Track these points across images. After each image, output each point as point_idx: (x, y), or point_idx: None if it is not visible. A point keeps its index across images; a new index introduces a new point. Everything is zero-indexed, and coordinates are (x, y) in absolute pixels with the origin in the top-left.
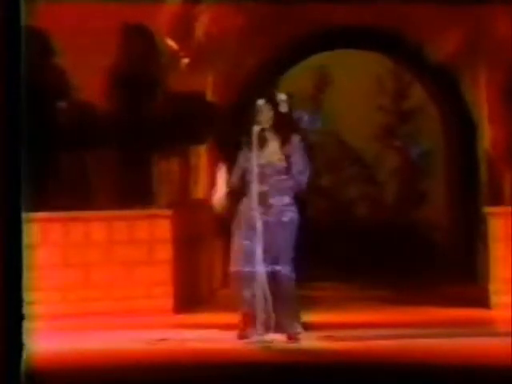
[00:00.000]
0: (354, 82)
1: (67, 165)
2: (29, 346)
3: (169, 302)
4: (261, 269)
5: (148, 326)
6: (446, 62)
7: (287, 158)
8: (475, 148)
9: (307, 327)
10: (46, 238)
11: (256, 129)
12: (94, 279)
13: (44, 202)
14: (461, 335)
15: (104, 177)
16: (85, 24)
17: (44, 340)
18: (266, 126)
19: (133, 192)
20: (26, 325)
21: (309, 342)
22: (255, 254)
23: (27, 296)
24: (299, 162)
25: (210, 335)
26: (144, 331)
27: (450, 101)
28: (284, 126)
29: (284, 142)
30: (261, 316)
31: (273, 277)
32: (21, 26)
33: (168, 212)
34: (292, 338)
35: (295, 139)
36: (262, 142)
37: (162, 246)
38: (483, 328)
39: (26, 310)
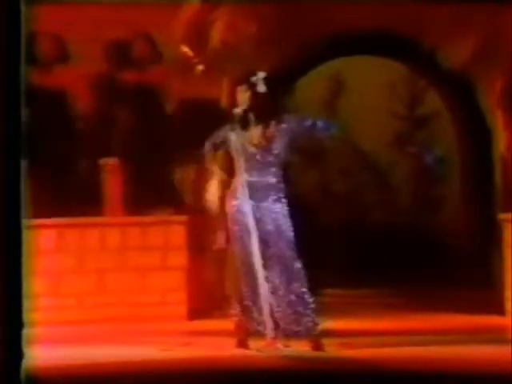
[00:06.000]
0: (369, 88)
1: (83, 172)
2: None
3: (182, 309)
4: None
5: (161, 332)
6: (460, 68)
7: (268, 142)
8: (490, 154)
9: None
10: (61, 244)
11: (236, 110)
12: (108, 285)
13: (60, 208)
14: (475, 342)
15: (119, 183)
16: (99, 31)
17: (55, 347)
18: (244, 107)
19: (147, 198)
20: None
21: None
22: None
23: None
24: (278, 147)
25: (224, 342)
26: (157, 337)
27: (464, 107)
28: (262, 108)
29: (265, 125)
30: (269, 322)
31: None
32: (21, 30)
33: (183, 218)
34: (318, 346)
35: (274, 123)
36: (245, 125)
37: (176, 253)
38: (498, 335)
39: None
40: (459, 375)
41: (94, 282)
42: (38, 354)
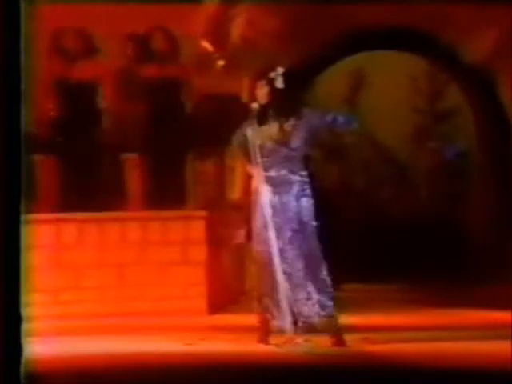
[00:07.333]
0: (389, 83)
1: (104, 167)
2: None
3: (202, 303)
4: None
5: (182, 326)
6: (481, 63)
7: (287, 137)
8: (511, 148)
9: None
10: (81, 239)
11: (254, 106)
12: (128, 279)
13: (80, 202)
14: (496, 337)
15: (139, 178)
16: (121, 25)
17: (76, 340)
18: (263, 102)
19: (168, 193)
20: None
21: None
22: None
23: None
24: (297, 142)
25: (245, 336)
26: (178, 331)
27: (485, 101)
28: (281, 103)
29: (284, 120)
30: (288, 317)
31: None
32: (20, 27)
33: (202, 213)
34: (340, 341)
35: (294, 118)
36: (263, 120)
37: (196, 247)
38: None
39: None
40: (480, 370)
41: (115, 276)
42: (58, 347)
